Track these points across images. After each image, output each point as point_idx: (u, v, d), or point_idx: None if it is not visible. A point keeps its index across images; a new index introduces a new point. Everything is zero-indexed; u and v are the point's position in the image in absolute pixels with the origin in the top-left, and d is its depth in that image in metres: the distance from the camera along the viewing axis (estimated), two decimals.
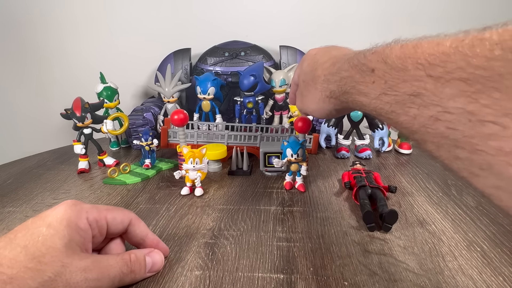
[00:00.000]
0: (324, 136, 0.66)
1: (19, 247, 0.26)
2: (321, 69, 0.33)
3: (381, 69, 0.23)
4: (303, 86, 0.38)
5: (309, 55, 0.38)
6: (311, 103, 0.35)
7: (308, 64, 0.37)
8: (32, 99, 0.94)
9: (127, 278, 0.31)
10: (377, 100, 0.24)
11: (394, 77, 0.22)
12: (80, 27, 0.89)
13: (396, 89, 0.22)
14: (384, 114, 0.24)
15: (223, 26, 0.89)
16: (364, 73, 0.25)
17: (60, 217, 0.29)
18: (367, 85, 0.25)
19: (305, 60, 0.38)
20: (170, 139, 0.64)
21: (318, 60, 0.35)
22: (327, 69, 0.32)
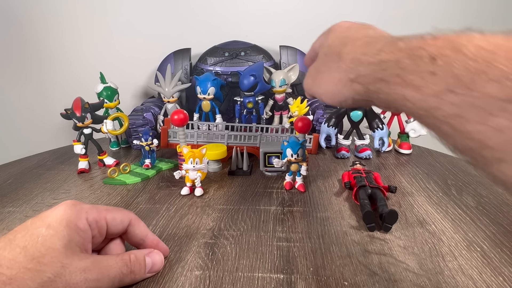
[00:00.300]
0: (324, 136, 0.66)
1: (18, 248, 0.26)
2: (352, 45, 0.27)
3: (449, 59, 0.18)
4: (322, 59, 0.31)
5: (340, 27, 0.31)
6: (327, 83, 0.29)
7: (336, 37, 0.30)
8: (32, 99, 0.94)
9: (127, 279, 0.31)
10: (436, 99, 0.18)
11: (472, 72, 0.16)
12: (80, 27, 0.89)
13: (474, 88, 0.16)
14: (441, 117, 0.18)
15: (223, 26, 0.89)
16: (418, 59, 0.19)
17: (60, 217, 0.29)
18: (422, 75, 0.19)
19: (332, 31, 0.31)
20: (170, 139, 0.64)
21: (351, 34, 0.29)
22: (360, 47, 0.26)
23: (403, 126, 0.71)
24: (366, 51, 0.25)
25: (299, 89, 0.81)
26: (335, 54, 0.28)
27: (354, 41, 0.27)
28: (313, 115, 0.71)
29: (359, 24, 0.31)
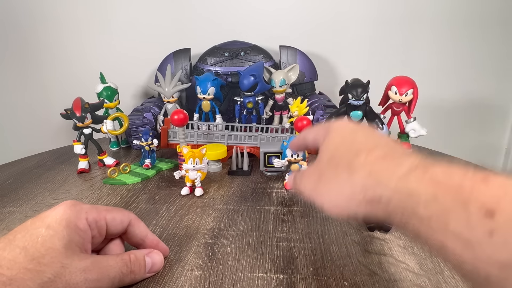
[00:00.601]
0: None
1: (18, 248, 0.26)
2: (365, 156, 0.24)
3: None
4: (327, 164, 0.27)
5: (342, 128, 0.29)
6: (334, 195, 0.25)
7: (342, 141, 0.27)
8: (32, 99, 0.94)
9: (126, 279, 0.31)
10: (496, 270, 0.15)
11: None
12: (80, 27, 0.89)
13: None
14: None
15: (223, 26, 0.89)
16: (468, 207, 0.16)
17: (59, 217, 0.29)
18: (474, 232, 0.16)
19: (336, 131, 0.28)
20: (170, 139, 0.64)
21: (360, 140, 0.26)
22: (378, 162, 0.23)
23: (403, 126, 0.71)
24: (386, 168, 0.22)
25: (299, 89, 0.81)
26: (345, 163, 0.25)
27: (367, 151, 0.24)
28: (313, 115, 0.71)
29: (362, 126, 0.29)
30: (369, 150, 0.24)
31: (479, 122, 0.98)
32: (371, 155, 0.24)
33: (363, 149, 0.25)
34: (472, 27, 0.89)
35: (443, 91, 0.94)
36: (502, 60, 0.92)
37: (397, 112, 0.70)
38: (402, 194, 0.20)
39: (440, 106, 0.95)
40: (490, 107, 0.96)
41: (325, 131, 0.30)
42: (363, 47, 0.91)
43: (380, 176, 0.22)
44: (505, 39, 0.90)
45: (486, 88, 0.94)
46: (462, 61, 0.92)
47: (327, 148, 0.28)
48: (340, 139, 0.27)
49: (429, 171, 0.20)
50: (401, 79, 0.67)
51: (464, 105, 0.96)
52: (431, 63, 0.92)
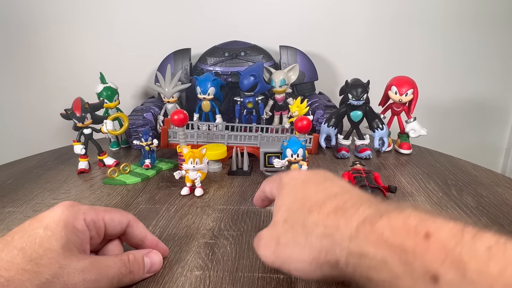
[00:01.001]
0: (324, 136, 0.66)
1: (16, 250, 0.26)
2: (317, 213, 0.24)
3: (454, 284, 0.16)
4: (282, 228, 0.26)
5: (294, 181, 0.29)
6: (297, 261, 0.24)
7: (295, 198, 0.27)
8: (32, 99, 0.94)
9: (125, 279, 0.31)
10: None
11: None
12: (80, 27, 0.89)
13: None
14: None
15: (223, 26, 0.89)
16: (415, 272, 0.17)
17: (57, 218, 0.29)
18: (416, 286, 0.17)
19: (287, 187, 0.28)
20: (170, 139, 0.64)
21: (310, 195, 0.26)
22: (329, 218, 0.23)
23: (403, 126, 0.71)
24: (338, 225, 0.22)
25: (299, 89, 0.81)
26: (299, 224, 0.25)
27: (319, 207, 0.24)
28: (313, 115, 0.71)
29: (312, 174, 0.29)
30: (320, 206, 0.24)
31: (479, 122, 0.98)
32: (322, 211, 0.24)
33: (315, 205, 0.25)
34: (472, 27, 0.89)
35: (443, 91, 0.94)
36: (502, 60, 0.92)
37: (397, 112, 0.70)
38: (355, 256, 0.21)
39: (440, 106, 0.95)
40: (490, 107, 0.96)
41: (278, 185, 0.30)
42: (363, 47, 0.91)
43: (333, 235, 0.22)
44: (505, 39, 0.90)
45: (486, 88, 0.94)
46: (462, 61, 0.92)
47: (280, 208, 0.28)
48: (292, 197, 0.27)
49: (375, 226, 0.20)
50: (401, 79, 0.67)
51: (464, 105, 0.96)
52: (431, 63, 0.92)
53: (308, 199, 0.26)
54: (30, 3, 0.87)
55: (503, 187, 0.54)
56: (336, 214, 0.23)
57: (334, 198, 0.24)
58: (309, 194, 0.26)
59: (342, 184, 0.27)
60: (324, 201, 0.25)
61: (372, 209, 0.22)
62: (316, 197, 0.25)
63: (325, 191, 0.26)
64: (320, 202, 0.25)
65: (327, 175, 0.29)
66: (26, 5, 0.87)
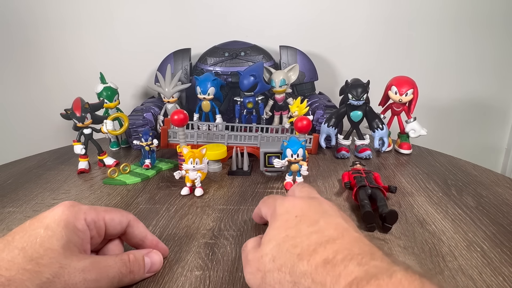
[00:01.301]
0: (324, 136, 0.66)
1: (16, 249, 0.26)
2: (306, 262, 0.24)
3: None
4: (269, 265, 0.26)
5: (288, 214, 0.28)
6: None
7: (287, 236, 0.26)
8: (32, 99, 0.94)
9: (126, 279, 0.31)
10: None
11: None
12: (80, 27, 0.89)
13: None
14: None
15: (223, 26, 0.89)
16: None
17: (58, 218, 0.29)
18: None
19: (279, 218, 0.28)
20: (170, 139, 0.64)
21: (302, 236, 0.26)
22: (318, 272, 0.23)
23: (403, 126, 0.71)
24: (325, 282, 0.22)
25: (299, 89, 0.81)
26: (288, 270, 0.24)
27: (308, 255, 0.24)
28: (313, 115, 0.71)
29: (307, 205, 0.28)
30: (311, 254, 0.24)
31: (479, 122, 0.98)
32: (311, 262, 0.23)
33: (305, 251, 0.24)
34: (472, 27, 0.89)
35: (443, 91, 0.94)
36: (502, 60, 0.92)
37: (397, 112, 0.70)
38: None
39: (440, 106, 0.95)
40: (490, 107, 0.96)
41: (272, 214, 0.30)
42: (363, 47, 0.91)
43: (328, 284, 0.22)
44: (505, 40, 0.90)
45: (486, 88, 0.94)
46: (462, 61, 0.92)
47: (270, 241, 0.27)
48: (284, 234, 0.27)
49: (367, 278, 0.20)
50: (401, 79, 0.67)
51: (464, 105, 0.96)
52: (432, 63, 0.92)
53: (300, 241, 0.25)
54: (31, 3, 0.87)
55: (503, 187, 0.54)
56: (324, 268, 0.23)
57: (326, 246, 0.24)
58: (301, 234, 0.26)
59: (337, 223, 0.26)
60: (315, 248, 0.24)
61: (362, 269, 0.21)
62: (308, 241, 0.25)
63: (318, 234, 0.25)
64: (311, 249, 0.24)
65: (324, 207, 0.28)
66: (27, 4, 0.87)
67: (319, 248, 0.24)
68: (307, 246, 0.24)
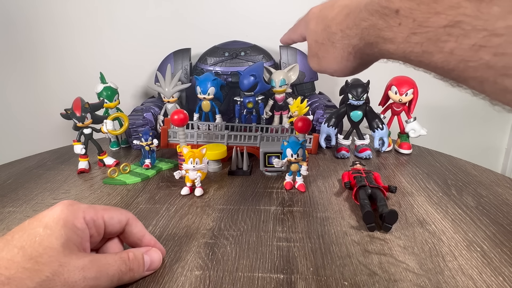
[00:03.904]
0: (324, 136, 0.66)
1: (16, 248, 0.26)
2: (335, 25, 0.30)
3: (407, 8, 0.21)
4: (316, 47, 0.34)
5: (313, 13, 0.35)
6: (332, 64, 0.32)
7: (317, 23, 0.33)
8: (32, 99, 0.94)
9: (125, 277, 0.31)
10: (406, 44, 0.22)
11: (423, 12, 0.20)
12: (80, 27, 0.89)
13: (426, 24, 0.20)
14: (414, 58, 0.22)
15: (223, 26, 0.89)
16: (387, 17, 0.22)
17: (57, 217, 0.29)
18: (392, 29, 0.22)
19: (310, 20, 0.35)
20: (170, 139, 0.64)
21: (327, 15, 0.31)
22: (342, 23, 0.29)
23: (403, 126, 0.71)
24: (348, 24, 0.28)
25: (299, 89, 0.81)
26: (326, 38, 0.32)
27: (333, 20, 0.30)
28: (313, 115, 0.71)
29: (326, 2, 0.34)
30: (334, 19, 0.30)
31: (479, 122, 0.98)
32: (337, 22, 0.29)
33: (331, 21, 0.30)
34: None
35: (443, 91, 0.94)
36: None
37: (397, 112, 0.70)
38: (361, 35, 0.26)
39: (440, 106, 0.95)
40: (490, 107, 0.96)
41: (304, 23, 0.37)
42: None
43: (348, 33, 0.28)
44: None
45: None
46: None
47: (310, 35, 0.35)
48: (314, 23, 0.34)
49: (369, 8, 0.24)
50: (401, 79, 0.67)
51: (464, 105, 0.96)
52: None
53: (326, 19, 0.31)
54: (31, 3, 0.86)
55: (503, 187, 0.54)
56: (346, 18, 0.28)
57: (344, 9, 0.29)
58: (326, 16, 0.31)
59: None
60: (336, 15, 0.30)
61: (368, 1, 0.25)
62: (331, 15, 0.31)
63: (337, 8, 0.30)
64: (334, 16, 0.30)
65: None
66: (27, 5, 0.87)
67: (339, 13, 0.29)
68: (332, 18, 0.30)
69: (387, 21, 0.23)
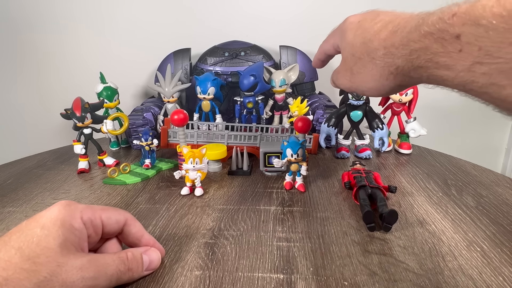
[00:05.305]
0: (324, 136, 0.66)
1: (13, 249, 0.26)
2: (377, 40, 0.28)
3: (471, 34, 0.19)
4: (352, 61, 0.32)
5: (352, 24, 0.33)
6: (368, 82, 0.30)
7: (355, 35, 0.31)
8: (32, 99, 0.94)
9: (124, 276, 0.31)
10: (468, 73, 0.20)
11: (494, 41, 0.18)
12: (80, 27, 0.89)
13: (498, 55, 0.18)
14: (477, 89, 0.20)
15: (223, 26, 0.89)
16: (445, 41, 0.21)
17: (54, 217, 0.29)
18: (450, 55, 0.20)
19: (347, 30, 0.33)
20: (170, 139, 0.64)
21: (368, 29, 0.29)
22: (387, 40, 0.27)
23: (403, 126, 0.71)
24: (394, 42, 0.26)
25: (299, 89, 0.81)
26: (365, 54, 0.29)
27: (377, 35, 0.28)
28: (313, 115, 0.71)
29: (366, 14, 0.32)
30: (378, 34, 0.28)
31: (479, 122, 0.98)
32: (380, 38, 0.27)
33: (374, 35, 0.28)
34: None
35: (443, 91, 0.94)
36: None
37: (397, 112, 0.70)
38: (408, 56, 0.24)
39: (440, 106, 0.95)
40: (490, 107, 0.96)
41: (340, 34, 0.34)
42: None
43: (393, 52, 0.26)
44: None
45: None
46: None
47: (346, 47, 0.32)
48: (352, 36, 0.31)
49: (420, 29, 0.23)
50: None
51: (464, 105, 0.95)
52: None
53: (367, 32, 0.29)
54: (31, 3, 0.86)
55: (503, 187, 0.54)
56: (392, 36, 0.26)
57: (388, 24, 0.27)
58: (367, 29, 0.30)
59: (393, 13, 0.29)
60: (380, 30, 0.28)
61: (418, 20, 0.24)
62: (373, 29, 0.29)
63: (380, 23, 0.29)
64: (377, 31, 0.28)
65: (378, 11, 0.32)
66: (27, 5, 0.87)
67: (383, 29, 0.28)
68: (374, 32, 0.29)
69: (445, 46, 0.21)
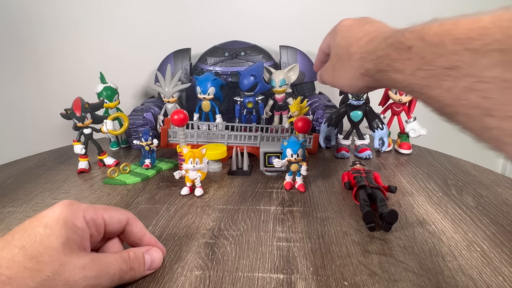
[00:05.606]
0: (324, 136, 0.66)
1: (16, 248, 0.26)
2: (356, 46, 0.33)
3: (418, 46, 0.24)
4: (335, 59, 0.37)
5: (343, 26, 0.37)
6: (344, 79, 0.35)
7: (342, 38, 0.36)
8: (32, 99, 0.94)
9: (126, 276, 0.31)
10: (412, 76, 0.25)
11: (431, 53, 0.23)
12: (80, 27, 0.89)
13: (432, 63, 0.23)
14: (417, 89, 0.25)
15: (223, 26, 0.89)
16: (401, 50, 0.25)
17: (57, 216, 0.29)
18: (403, 62, 0.25)
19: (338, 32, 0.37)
20: (170, 139, 0.64)
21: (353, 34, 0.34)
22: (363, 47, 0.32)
23: (403, 126, 0.71)
24: (368, 49, 0.31)
25: (299, 89, 0.81)
26: (345, 55, 0.34)
27: (357, 41, 0.33)
28: (313, 115, 0.71)
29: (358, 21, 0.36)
30: (358, 40, 0.32)
31: None
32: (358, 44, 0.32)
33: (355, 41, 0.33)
34: None
35: None
36: None
37: (397, 112, 0.70)
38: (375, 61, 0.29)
39: None
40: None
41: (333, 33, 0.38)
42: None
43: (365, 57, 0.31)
44: None
45: None
46: None
47: (334, 47, 0.37)
48: (340, 38, 0.36)
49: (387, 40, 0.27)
50: None
51: None
52: None
53: (352, 37, 0.34)
54: (31, 3, 0.86)
55: (503, 187, 0.54)
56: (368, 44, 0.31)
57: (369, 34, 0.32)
58: (352, 34, 0.34)
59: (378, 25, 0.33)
60: (360, 38, 0.32)
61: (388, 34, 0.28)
62: (356, 36, 0.33)
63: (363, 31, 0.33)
64: (358, 38, 0.32)
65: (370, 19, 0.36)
66: (27, 4, 0.87)
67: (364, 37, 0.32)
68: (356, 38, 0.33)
69: (400, 55, 0.25)
